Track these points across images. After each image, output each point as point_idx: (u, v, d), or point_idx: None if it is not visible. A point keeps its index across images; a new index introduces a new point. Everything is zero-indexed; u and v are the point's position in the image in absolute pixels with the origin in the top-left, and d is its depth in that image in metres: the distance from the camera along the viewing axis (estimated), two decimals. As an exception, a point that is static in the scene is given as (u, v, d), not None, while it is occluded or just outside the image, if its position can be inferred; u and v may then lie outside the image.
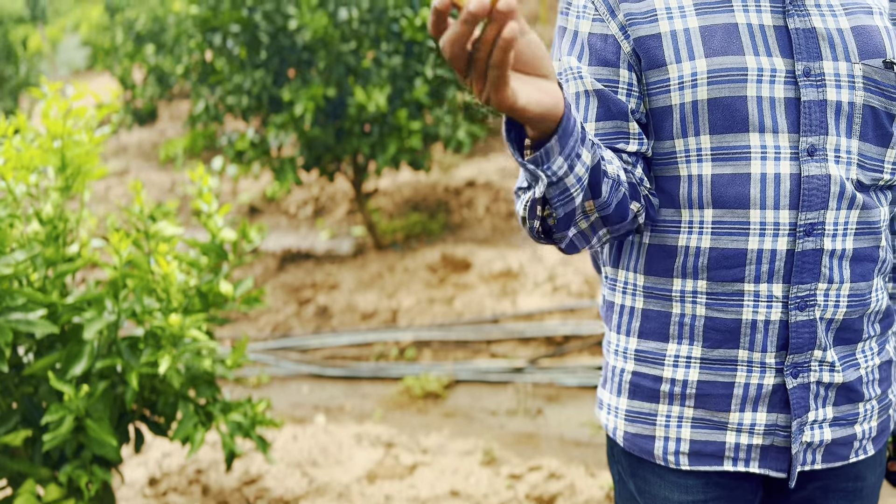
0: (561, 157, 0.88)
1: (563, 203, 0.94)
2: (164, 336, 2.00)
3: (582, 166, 0.92)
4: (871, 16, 1.06)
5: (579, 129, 0.90)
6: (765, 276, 1.05)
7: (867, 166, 1.07)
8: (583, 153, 0.91)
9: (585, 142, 0.92)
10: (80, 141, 2.09)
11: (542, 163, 0.88)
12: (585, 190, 0.95)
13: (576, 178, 0.92)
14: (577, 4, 1.11)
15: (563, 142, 0.87)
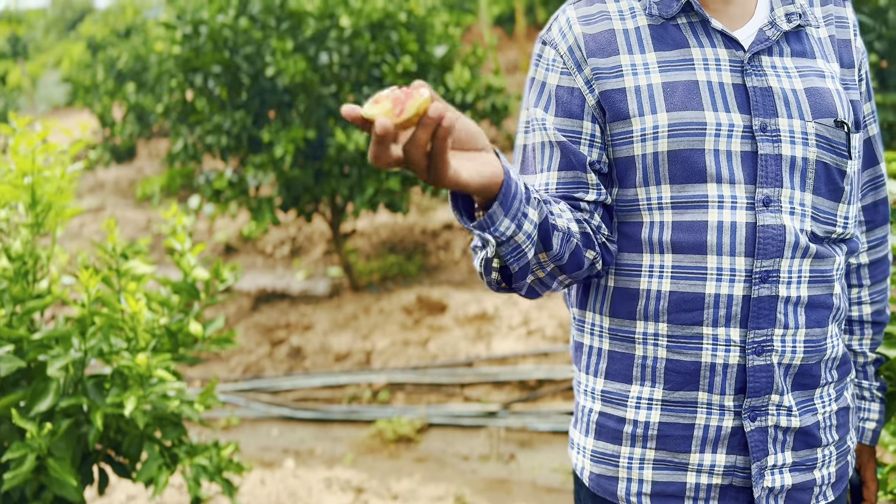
0: (507, 218, 0.93)
1: (517, 259, 0.98)
2: (131, 376, 1.98)
3: (530, 224, 0.96)
4: (823, 79, 1.11)
5: (523, 189, 0.95)
6: (722, 321, 1.08)
7: (820, 219, 1.11)
8: (529, 212, 0.95)
9: (531, 201, 0.96)
10: (50, 177, 2.08)
11: (489, 226, 0.93)
12: (536, 244, 0.99)
13: (525, 236, 0.96)
14: (547, 57, 1.15)
15: (507, 205, 0.92)
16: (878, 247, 1.26)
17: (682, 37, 1.10)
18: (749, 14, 1.13)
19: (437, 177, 0.82)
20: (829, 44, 1.15)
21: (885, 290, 1.28)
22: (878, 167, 1.24)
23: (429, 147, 0.81)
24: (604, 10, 1.14)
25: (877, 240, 1.26)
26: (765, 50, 1.10)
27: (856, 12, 3.78)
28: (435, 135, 0.79)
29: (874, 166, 1.24)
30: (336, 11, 4.61)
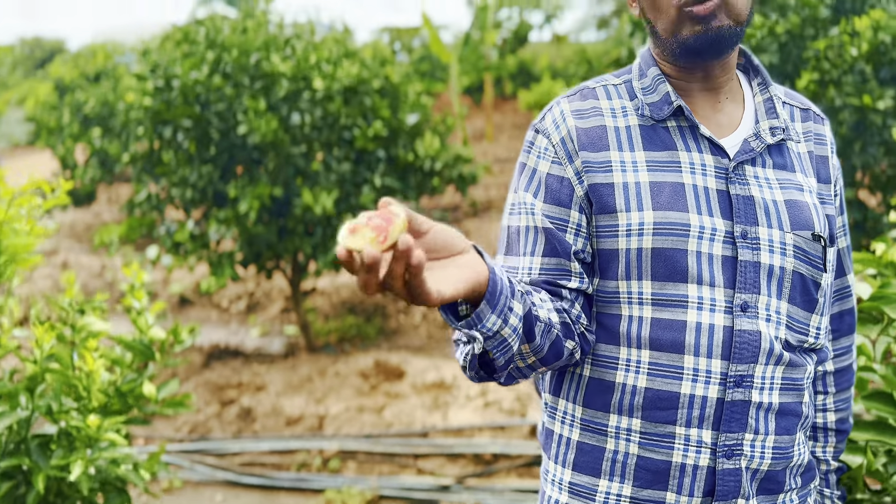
0: (493, 314, 0.94)
1: (503, 352, 0.99)
2: (79, 437, 1.90)
3: (515, 317, 0.97)
4: (801, 192, 1.15)
5: (507, 284, 0.96)
6: (695, 422, 1.08)
7: (795, 328, 1.13)
8: (514, 306, 0.97)
9: (515, 294, 0.98)
10: (19, 230, 2.03)
11: (476, 324, 0.94)
12: (521, 336, 1.00)
13: (511, 329, 0.97)
14: (539, 145, 1.18)
15: (493, 302, 0.93)
16: (844, 355, 1.29)
17: (672, 139, 1.14)
18: (736, 123, 1.17)
19: (421, 301, 0.83)
20: (807, 159, 1.20)
21: (849, 398, 1.31)
22: (847, 278, 1.28)
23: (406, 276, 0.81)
24: (597, 106, 1.17)
25: (842, 349, 1.29)
26: (749, 160, 1.13)
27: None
28: (408, 269, 0.80)
29: (842, 277, 1.28)
30: (309, 74, 4.67)
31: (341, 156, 5.05)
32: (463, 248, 0.91)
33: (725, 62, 1.15)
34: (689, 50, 1.10)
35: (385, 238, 0.79)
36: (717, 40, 1.08)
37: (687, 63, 1.14)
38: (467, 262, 0.90)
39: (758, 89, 1.21)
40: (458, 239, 0.91)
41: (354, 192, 5.09)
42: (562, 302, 1.12)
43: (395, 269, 0.81)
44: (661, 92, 1.15)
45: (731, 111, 1.18)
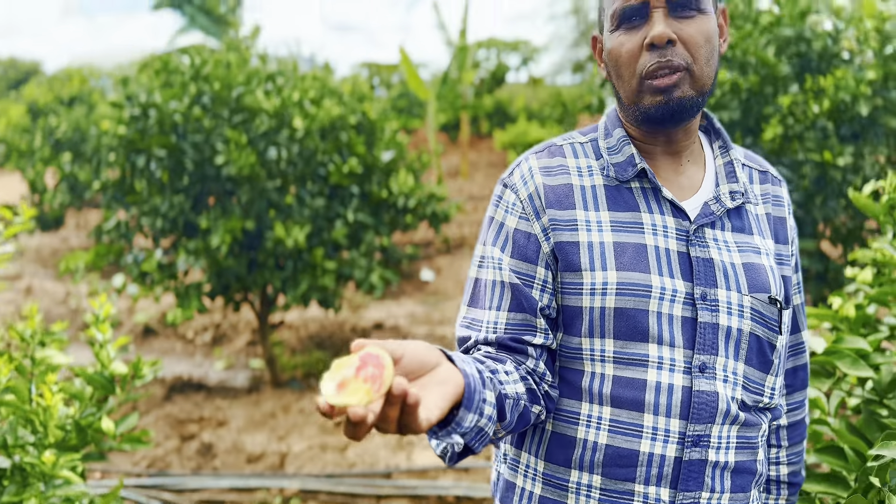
0: (471, 413, 0.95)
1: (480, 440, 1.01)
2: (34, 473, 1.86)
3: (489, 406, 0.99)
4: (759, 255, 1.19)
5: (478, 378, 0.97)
6: (654, 480, 1.10)
7: (750, 388, 1.16)
8: (487, 396, 0.98)
9: (486, 383, 0.99)
10: (-21, 257, 2.01)
11: (456, 429, 0.95)
12: (495, 419, 1.01)
13: (486, 418, 0.98)
14: (508, 200, 1.20)
15: (470, 403, 0.94)
16: (797, 410, 1.32)
17: (635, 201, 1.17)
18: (697, 186, 1.21)
19: (411, 432, 0.83)
20: (765, 221, 1.23)
21: (801, 451, 1.34)
22: (801, 335, 1.31)
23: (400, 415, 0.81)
24: (564, 164, 1.20)
25: (795, 403, 1.32)
26: (709, 223, 1.17)
27: (774, 165, 4.05)
28: (404, 410, 0.80)
29: (797, 333, 1.31)
30: (291, 112, 4.70)
31: (315, 190, 5.06)
32: (436, 361, 0.92)
33: (687, 128, 1.19)
34: (650, 119, 1.14)
35: (380, 387, 0.76)
36: (678, 111, 1.12)
37: (649, 129, 1.18)
38: (445, 376, 0.91)
39: (718, 152, 1.25)
40: (430, 353, 0.91)
41: (327, 227, 5.10)
42: (526, 360, 1.14)
43: (390, 414, 0.80)
44: (625, 153, 1.18)
45: (692, 174, 1.22)
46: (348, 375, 0.77)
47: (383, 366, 0.78)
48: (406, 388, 0.78)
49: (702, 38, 1.10)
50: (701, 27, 1.11)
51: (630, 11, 1.11)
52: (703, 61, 1.11)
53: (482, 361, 1.06)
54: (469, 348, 1.17)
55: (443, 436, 0.95)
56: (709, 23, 1.12)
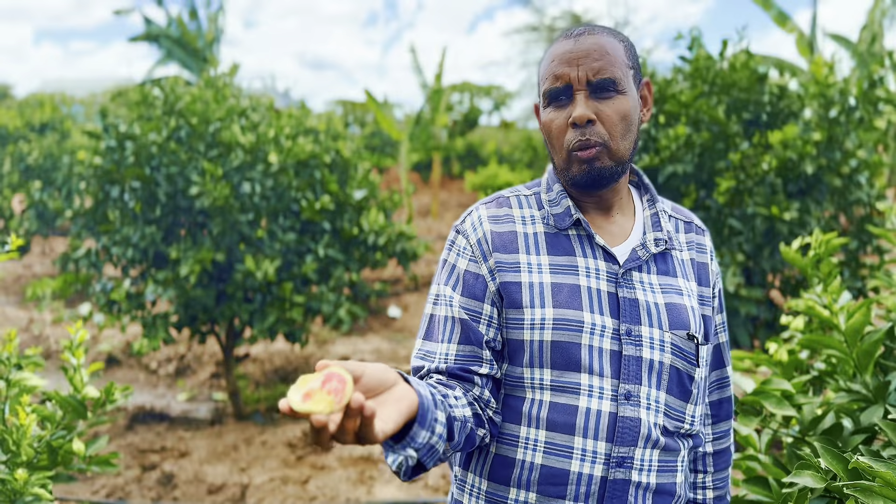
0: (424, 430, 1.07)
1: (432, 457, 1.12)
2: (4, 490, 1.92)
3: (440, 426, 1.11)
4: (681, 296, 1.34)
5: (431, 398, 1.09)
6: (582, 497, 1.22)
7: (672, 416, 1.30)
8: (438, 416, 1.11)
9: (438, 404, 1.11)
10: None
11: (410, 444, 1.07)
12: (445, 439, 1.13)
13: (437, 436, 1.11)
14: (459, 245, 1.34)
15: (423, 422, 1.07)
16: (722, 439, 1.46)
17: (571, 246, 1.32)
18: (626, 234, 1.36)
19: (369, 442, 0.94)
20: (689, 265, 1.39)
21: (726, 478, 1.47)
22: (725, 370, 1.46)
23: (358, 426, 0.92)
24: (510, 213, 1.35)
25: (721, 433, 1.46)
26: (636, 267, 1.32)
27: (728, 216, 4.23)
28: (362, 422, 0.91)
29: (721, 369, 1.46)
30: (266, 148, 4.83)
31: (287, 225, 5.16)
32: (394, 380, 1.03)
33: (614, 187, 1.34)
34: (577, 184, 1.30)
35: (341, 399, 0.87)
36: (599, 178, 1.27)
37: (578, 191, 1.34)
38: (401, 394, 1.02)
39: (646, 204, 1.41)
40: (388, 373, 1.02)
41: (297, 261, 5.19)
42: (473, 388, 1.26)
43: (349, 425, 0.90)
44: (563, 205, 1.34)
45: (622, 223, 1.37)
46: (314, 387, 0.88)
47: (345, 381, 0.89)
48: (363, 401, 0.89)
49: (618, 116, 1.26)
50: (618, 107, 1.26)
51: (557, 92, 1.27)
52: (619, 137, 1.27)
53: (434, 387, 1.18)
54: (422, 376, 1.30)
55: (398, 449, 1.07)
56: (626, 102, 1.28)
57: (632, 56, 1.32)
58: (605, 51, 1.26)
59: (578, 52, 1.26)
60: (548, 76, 1.28)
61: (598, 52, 1.25)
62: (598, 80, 1.25)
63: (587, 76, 1.25)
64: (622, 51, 1.29)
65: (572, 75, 1.25)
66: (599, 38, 1.28)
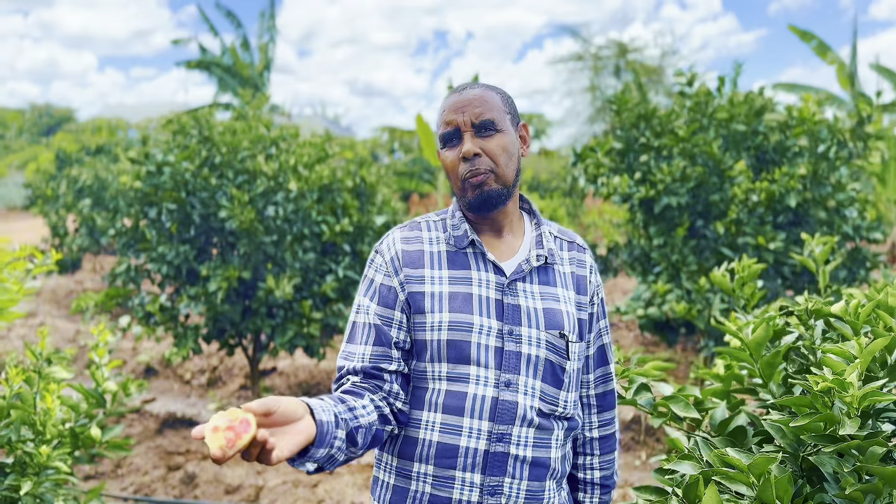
0: (322, 449, 1.35)
1: (330, 463, 1.40)
2: (31, 464, 2.28)
3: (340, 441, 1.38)
4: (558, 302, 1.61)
5: (332, 421, 1.36)
6: (469, 467, 1.50)
7: (546, 400, 1.56)
8: (338, 434, 1.37)
9: (339, 424, 1.38)
10: (8, 288, 2.48)
11: (308, 460, 1.35)
12: (345, 448, 1.41)
13: (336, 448, 1.38)
14: (377, 262, 1.65)
15: (320, 443, 1.34)
16: (607, 426, 1.73)
17: (468, 262, 1.60)
18: (515, 251, 1.65)
19: (265, 463, 1.24)
20: (570, 278, 1.66)
21: (612, 460, 1.74)
22: (608, 367, 1.73)
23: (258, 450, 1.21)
24: (419, 235, 1.65)
25: (605, 420, 1.73)
26: (520, 278, 1.60)
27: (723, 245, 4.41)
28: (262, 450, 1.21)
29: (605, 366, 1.72)
30: (286, 176, 5.23)
31: (309, 246, 5.54)
32: (301, 414, 1.30)
33: (503, 211, 1.63)
34: (472, 206, 1.59)
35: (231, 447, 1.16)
36: (489, 199, 1.57)
37: (474, 215, 1.63)
38: (302, 428, 1.29)
39: (533, 227, 1.70)
40: (298, 409, 1.30)
41: (318, 281, 5.56)
42: (384, 385, 1.54)
43: (252, 451, 1.21)
44: (462, 229, 1.63)
45: (511, 241, 1.65)
46: (221, 426, 1.17)
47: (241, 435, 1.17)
48: (266, 438, 1.19)
49: (499, 149, 1.57)
50: (499, 142, 1.57)
51: (449, 135, 1.59)
52: (503, 165, 1.57)
53: (344, 401, 1.46)
54: (342, 377, 1.59)
55: (298, 464, 1.35)
56: (506, 137, 1.58)
57: (508, 104, 1.63)
58: (484, 99, 1.58)
59: (463, 101, 1.58)
60: (441, 123, 1.61)
61: (478, 100, 1.58)
62: (480, 121, 1.56)
63: (471, 119, 1.56)
64: (499, 100, 1.60)
65: (459, 120, 1.57)
66: (479, 90, 1.60)
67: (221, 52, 19.57)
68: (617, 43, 23.92)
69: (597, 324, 1.69)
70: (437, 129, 1.62)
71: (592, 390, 1.71)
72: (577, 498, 1.71)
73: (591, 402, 1.71)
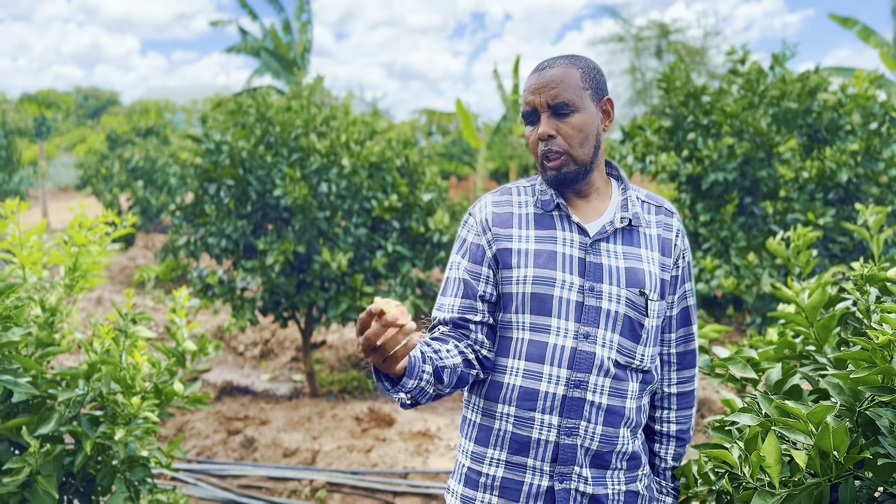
0: (412, 380, 1.50)
1: (422, 395, 1.56)
2: (122, 415, 2.46)
3: (427, 374, 1.53)
4: (640, 262, 1.71)
5: (419, 356, 1.52)
6: (548, 410, 1.62)
7: (623, 352, 1.67)
8: (426, 368, 1.53)
9: (426, 360, 1.54)
10: (92, 252, 2.65)
11: (401, 389, 1.51)
12: (433, 383, 1.56)
13: (426, 381, 1.53)
14: (469, 223, 1.78)
15: (410, 373, 1.49)
16: (685, 383, 1.82)
17: (553, 223, 1.72)
18: (600, 213, 1.75)
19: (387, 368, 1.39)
20: (655, 240, 1.75)
21: (689, 416, 1.83)
22: (691, 328, 1.82)
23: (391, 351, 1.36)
24: (509, 199, 1.77)
25: (684, 378, 1.82)
26: (603, 238, 1.70)
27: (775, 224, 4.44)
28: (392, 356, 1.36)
29: (687, 327, 1.81)
30: (339, 152, 5.37)
31: (360, 222, 5.69)
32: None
33: (586, 182, 1.74)
34: (551, 184, 1.71)
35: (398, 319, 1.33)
36: (565, 180, 1.69)
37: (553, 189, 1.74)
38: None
39: (620, 191, 1.80)
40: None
41: (368, 256, 5.71)
42: (469, 334, 1.68)
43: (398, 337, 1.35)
44: (549, 194, 1.74)
45: (597, 205, 1.75)
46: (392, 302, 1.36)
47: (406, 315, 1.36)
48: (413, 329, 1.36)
49: (574, 130, 1.66)
50: (574, 122, 1.66)
51: (528, 114, 1.71)
52: (577, 146, 1.67)
53: (429, 344, 1.61)
54: (434, 326, 1.74)
55: (393, 392, 1.51)
56: (583, 117, 1.67)
57: (589, 79, 1.70)
58: (561, 80, 1.67)
59: (541, 82, 1.68)
60: (522, 102, 1.72)
61: (555, 80, 1.67)
62: (555, 103, 1.66)
63: (547, 101, 1.66)
64: (578, 76, 1.68)
65: (537, 101, 1.67)
66: (558, 69, 1.68)
67: (263, 36, 19.83)
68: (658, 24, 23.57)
69: (681, 286, 1.78)
70: (521, 108, 1.73)
71: (673, 349, 1.80)
72: (653, 448, 1.82)
73: (672, 359, 1.80)
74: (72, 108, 41.10)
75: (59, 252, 2.70)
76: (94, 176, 12.32)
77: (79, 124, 38.42)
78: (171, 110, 19.20)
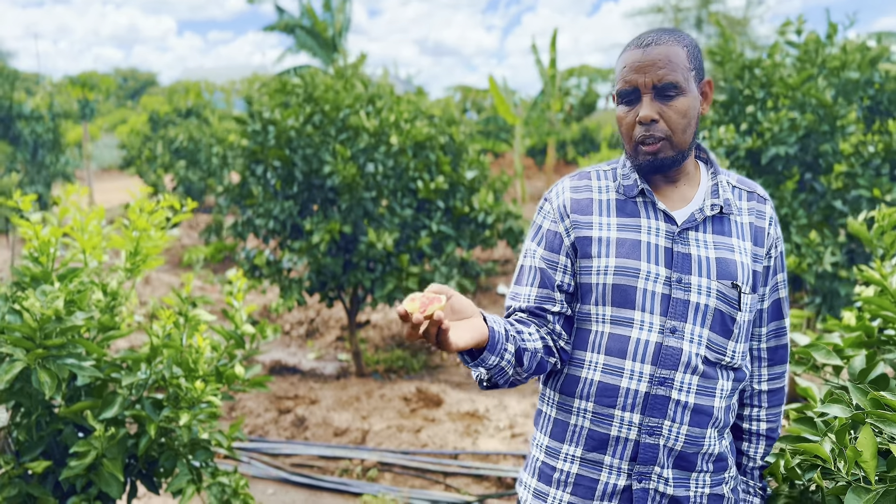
0: (493, 355, 1.43)
1: (501, 375, 1.49)
2: (185, 399, 2.46)
3: (509, 354, 1.46)
4: (732, 252, 1.59)
5: (503, 333, 1.44)
6: (629, 407, 1.54)
7: (713, 348, 1.56)
8: (508, 347, 1.45)
9: (509, 338, 1.46)
10: (153, 236, 2.65)
11: (482, 364, 1.44)
12: (513, 364, 1.48)
13: (506, 362, 1.46)
14: (546, 209, 1.68)
15: (493, 349, 1.42)
16: (777, 380, 1.72)
17: (637, 210, 1.61)
18: (688, 200, 1.63)
19: (444, 348, 1.31)
20: (747, 228, 1.63)
21: (779, 414, 1.73)
22: (783, 321, 1.71)
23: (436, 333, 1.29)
24: (588, 184, 1.67)
25: (775, 374, 1.72)
26: (692, 227, 1.59)
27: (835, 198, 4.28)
28: (438, 330, 1.28)
29: (779, 320, 1.70)
30: (388, 131, 5.32)
31: (405, 203, 5.65)
32: (472, 313, 1.39)
33: (679, 167, 1.62)
34: (642, 169, 1.59)
35: (424, 310, 1.28)
36: (660, 166, 1.57)
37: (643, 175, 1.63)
38: (475, 324, 1.38)
39: (710, 176, 1.69)
40: (470, 306, 1.39)
41: (413, 236, 5.67)
42: (547, 324, 1.60)
43: (430, 330, 1.29)
44: (632, 178, 1.63)
45: (685, 191, 1.64)
46: (417, 297, 1.30)
47: (433, 302, 1.29)
48: (442, 317, 1.27)
49: (679, 115, 1.52)
50: (679, 106, 1.51)
51: (626, 93, 1.56)
52: (681, 131, 1.54)
53: (513, 324, 1.53)
54: (509, 314, 1.66)
55: (472, 365, 1.44)
56: (686, 101, 1.51)
57: (693, 59, 1.57)
58: (669, 59, 1.52)
59: (646, 61, 1.52)
60: (620, 79, 1.58)
61: (662, 59, 1.52)
62: (662, 84, 1.51)
63: (653, 81, 1.52)
64: (684, 56, 1.54)
65: (640, 81, 1.53)
66: (664, 47, 1.53)
67: (301, 14, 19.76)
68: (697, -6, 22.96)
69: (773, 277, 1.67)
70: (616, 83, 1.59)
71: (764, 343, 1.69)
72: (742, 447, 1.72)
73: (763, 355, 1.70)
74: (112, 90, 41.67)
75: (117, 236, 2.70)
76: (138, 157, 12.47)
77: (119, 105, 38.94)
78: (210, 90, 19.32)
